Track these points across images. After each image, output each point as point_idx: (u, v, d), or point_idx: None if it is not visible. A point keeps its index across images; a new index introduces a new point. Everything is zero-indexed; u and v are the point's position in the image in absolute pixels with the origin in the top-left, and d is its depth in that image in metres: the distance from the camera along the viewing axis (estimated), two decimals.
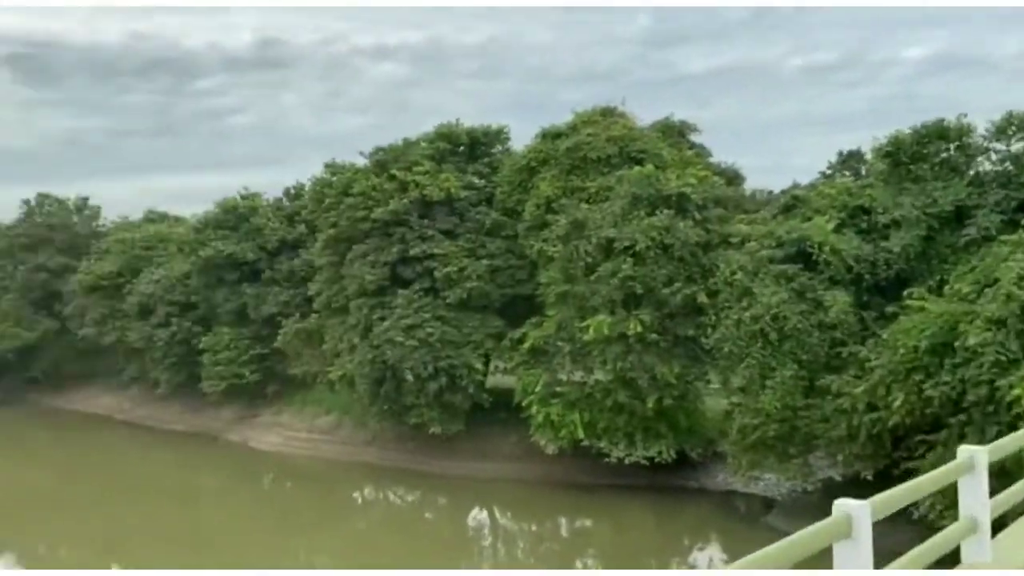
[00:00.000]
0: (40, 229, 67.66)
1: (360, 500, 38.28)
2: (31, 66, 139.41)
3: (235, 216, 49.43)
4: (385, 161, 38.95)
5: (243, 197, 50.78)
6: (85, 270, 58.87)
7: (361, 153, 40.56)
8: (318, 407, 45.53)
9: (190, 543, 30.56)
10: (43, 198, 71.03)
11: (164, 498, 37.28)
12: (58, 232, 67.72)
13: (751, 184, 43.68)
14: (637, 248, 30.72)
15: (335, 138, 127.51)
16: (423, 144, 39.94)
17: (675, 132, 39.28)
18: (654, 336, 30.56)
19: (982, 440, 19.17)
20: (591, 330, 31.05)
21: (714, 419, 32.69)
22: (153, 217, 65.35)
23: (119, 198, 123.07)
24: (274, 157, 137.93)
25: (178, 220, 61.61)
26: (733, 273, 29.10)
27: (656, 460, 32.03)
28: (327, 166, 41.40)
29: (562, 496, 33.89)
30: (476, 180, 39.64)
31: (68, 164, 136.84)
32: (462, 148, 41.11)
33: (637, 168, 33.54)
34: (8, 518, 34.58)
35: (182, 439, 49.52)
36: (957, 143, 28.72)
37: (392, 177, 37.86)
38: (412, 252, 37.16)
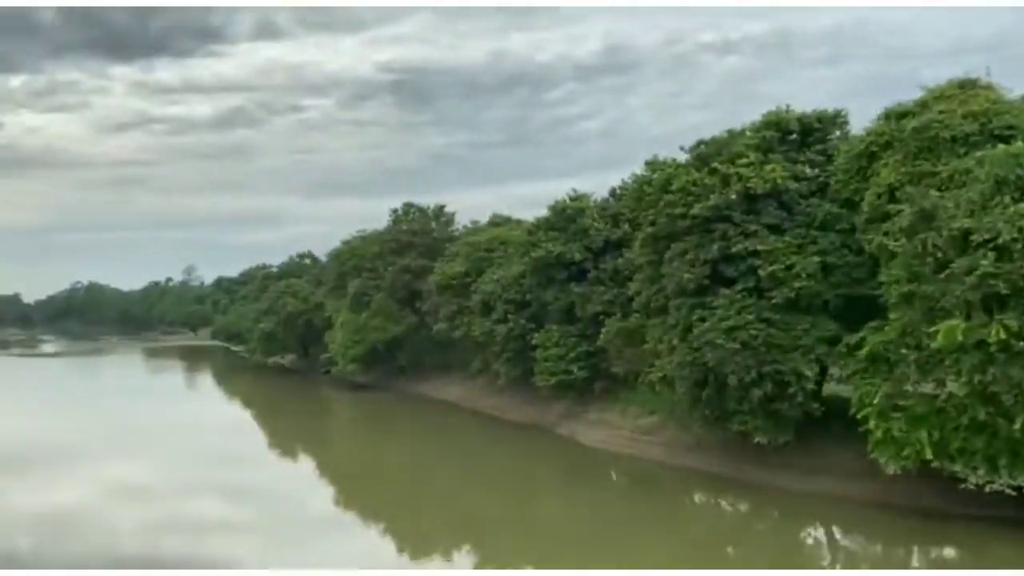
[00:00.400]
0: (405, 235, 76.48)
1: (689, 504, 37.36)
2: (409, 92, 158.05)
3: (564, 218, 51.15)
4: (707, 155, 37.47)
5: (571, 199, 52.27)
6: (439, 270, 65.04)
7: (681, 148, 39.52)
8: (640, 407, 45.56)
9: (534, 532, 31.85)
10: (408, 207, 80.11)
11: (509, 486, 39.70)
12: (419, 237, 76.04)
13: None
14: (1000, 240, 26.35)
15: (678, 136, 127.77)
16: (748, 134, 37.79)
17: None
18: (1022, 344, 25.85)
19: None
20: (941, 336, 27.26)
21: None
22: (497, 221, 70.23)
23: (478, 205, 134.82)
24: (619, 159, 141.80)
25: (519, 223, 65.32)
26: None
27: None
28: (647, 163, 40.90)
29: (907, 522, 30.35)
30: (807, 170, 36.71)
31: (436, 176, 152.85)
32: (793, 136, 38.24)
33: (1002, 147, 28.83)
34: (383, 491, 38.99)
35: (519, 430, 52.48)
36: None
37: (713, 171, 36.30)
38: (734, 249, 35.36)
